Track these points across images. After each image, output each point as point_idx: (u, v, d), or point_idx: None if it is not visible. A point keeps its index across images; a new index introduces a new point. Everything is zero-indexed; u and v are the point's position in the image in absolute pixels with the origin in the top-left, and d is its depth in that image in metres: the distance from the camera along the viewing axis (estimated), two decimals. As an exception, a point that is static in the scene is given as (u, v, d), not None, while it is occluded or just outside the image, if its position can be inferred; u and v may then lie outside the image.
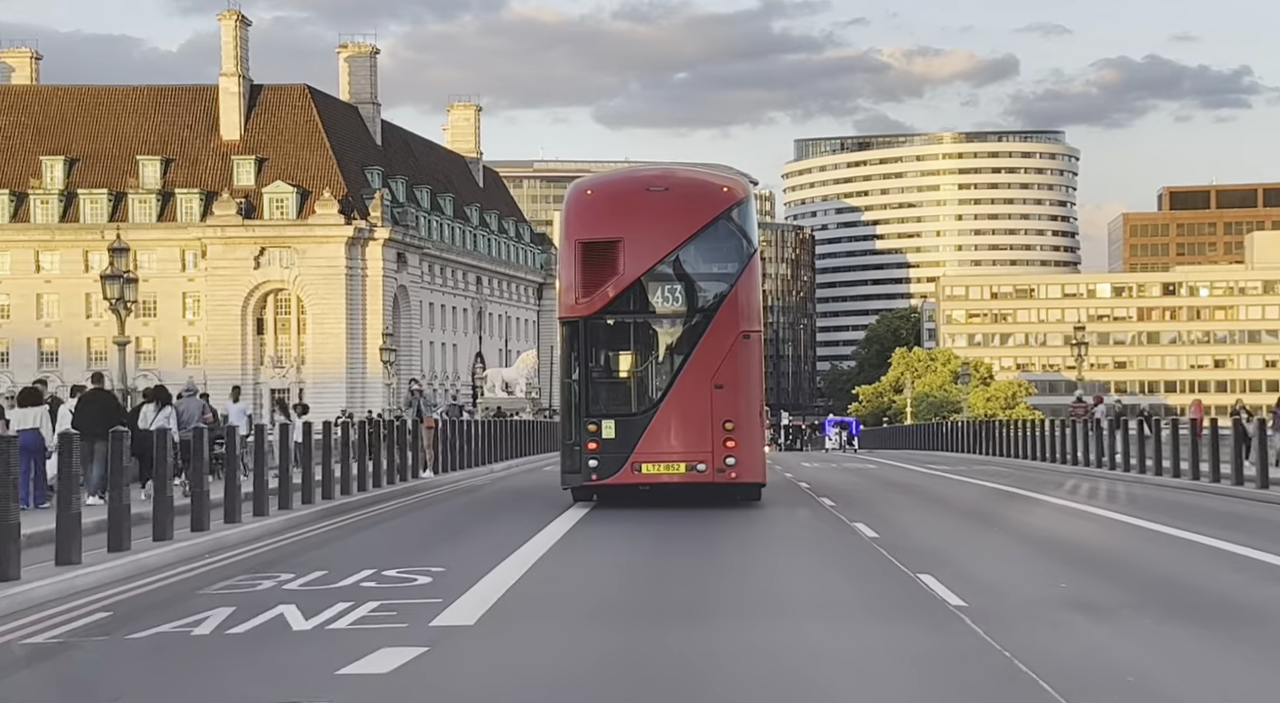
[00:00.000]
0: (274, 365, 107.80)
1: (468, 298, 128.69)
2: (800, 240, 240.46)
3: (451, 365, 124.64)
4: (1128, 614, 11.38)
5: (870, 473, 37.47)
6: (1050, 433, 40.11)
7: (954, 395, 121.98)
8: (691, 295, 21.91)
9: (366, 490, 25.97)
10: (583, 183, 23.29)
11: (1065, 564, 15.19)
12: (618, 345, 22.25)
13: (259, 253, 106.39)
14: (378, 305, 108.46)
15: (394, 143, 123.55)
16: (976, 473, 36.12)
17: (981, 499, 26.03)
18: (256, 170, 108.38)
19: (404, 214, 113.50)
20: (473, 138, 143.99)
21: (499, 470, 39.23)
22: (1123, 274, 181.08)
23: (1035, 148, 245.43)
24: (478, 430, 40.44)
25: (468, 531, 20.04)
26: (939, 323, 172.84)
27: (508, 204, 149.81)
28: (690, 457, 21.46)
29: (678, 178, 23.50)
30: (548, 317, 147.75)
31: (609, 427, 21.50)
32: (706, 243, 21.98)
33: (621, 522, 20.42)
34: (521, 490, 29.52)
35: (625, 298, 21.83)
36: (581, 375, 21.81)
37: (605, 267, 21.69)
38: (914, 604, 11.85)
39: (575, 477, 22.00)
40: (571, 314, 21.90)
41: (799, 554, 16.89)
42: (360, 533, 19.55)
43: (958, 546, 17.51)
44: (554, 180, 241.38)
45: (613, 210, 22.23)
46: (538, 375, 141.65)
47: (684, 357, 21.70)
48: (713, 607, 11.93)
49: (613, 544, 17.92)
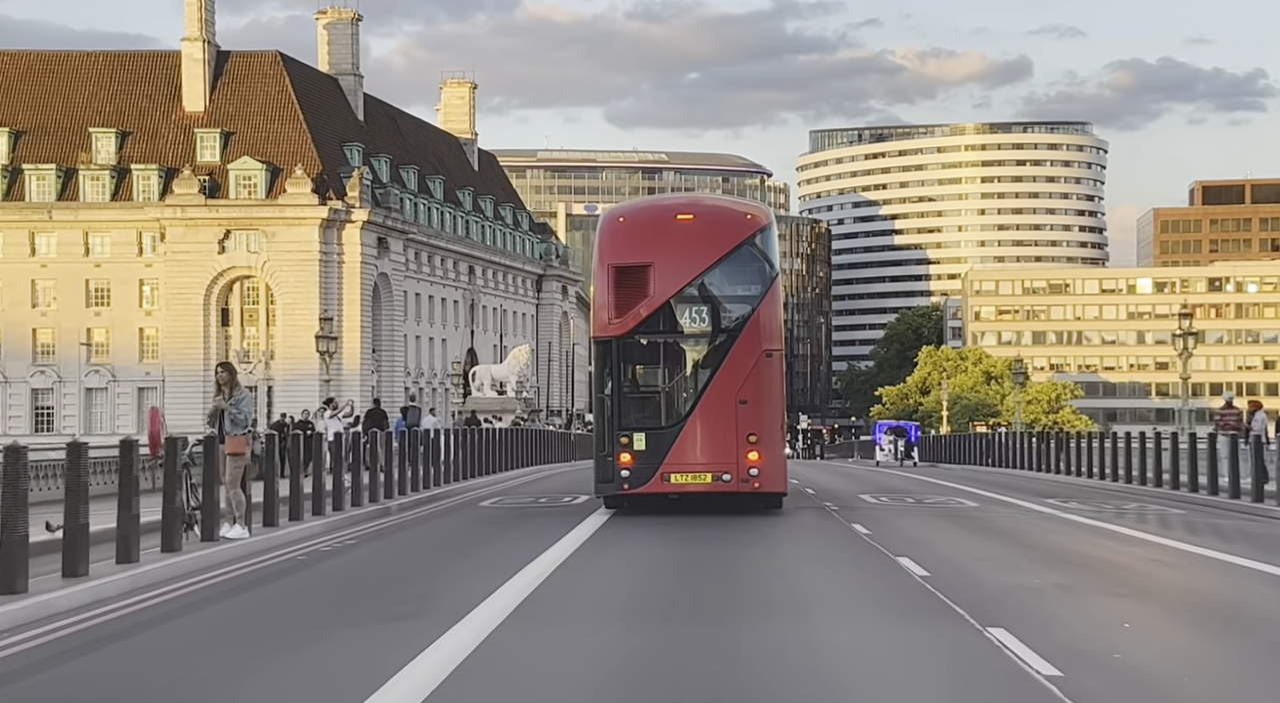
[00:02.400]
0: (240, 360, 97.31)
1: (459, 289, 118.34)
2: (816, 234, 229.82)
3: (440, 362, 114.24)
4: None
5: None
6: (1208, 450, 29.39)
7: (989, 397, 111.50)
8: (717, 316, 23.08)
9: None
10: (615, 210, 24.71)
11: None
12: (648, 363, 23.49)
13: (224, 236, 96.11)
14: (355, 294, 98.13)
15: (378, 119, 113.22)
16: (1155, 522, 23.35)
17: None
18: (222, 145, 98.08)
19: (386, 195, 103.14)
20: (467, 118, 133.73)
21: (403, 509, 25.69)
22: (1165, 268, 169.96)
23: (1062, 140, 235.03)
24: (429, 445, 30.18)
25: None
26: (965, 320, 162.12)
27: (505, 189, 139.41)
28: (716, 467, 22.55)
29: (704, 206, 25.97)
30: (546, 310, 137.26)
31: (640, 439, 22.64)
32: (731, 267, 23.10)
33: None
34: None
35: (655, 318, 22.99)
36: (614, 391, 23.00)
37: (637, 289, 22.87)
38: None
39: (608, 486, 23.01)
40: (605, 333, 23.05)
41: None
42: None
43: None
44: (559, 170, 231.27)
45: (643, 236, 23.42)
46: (535, 373, 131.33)
47: (710, 374, 22.85)
48: None
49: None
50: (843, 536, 20.23)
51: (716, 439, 22.48)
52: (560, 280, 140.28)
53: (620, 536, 20.13)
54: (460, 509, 26.36)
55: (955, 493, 30.88)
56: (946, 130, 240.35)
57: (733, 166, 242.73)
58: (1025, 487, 34.70)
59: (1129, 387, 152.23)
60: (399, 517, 24.49)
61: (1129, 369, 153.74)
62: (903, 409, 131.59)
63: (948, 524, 22.55)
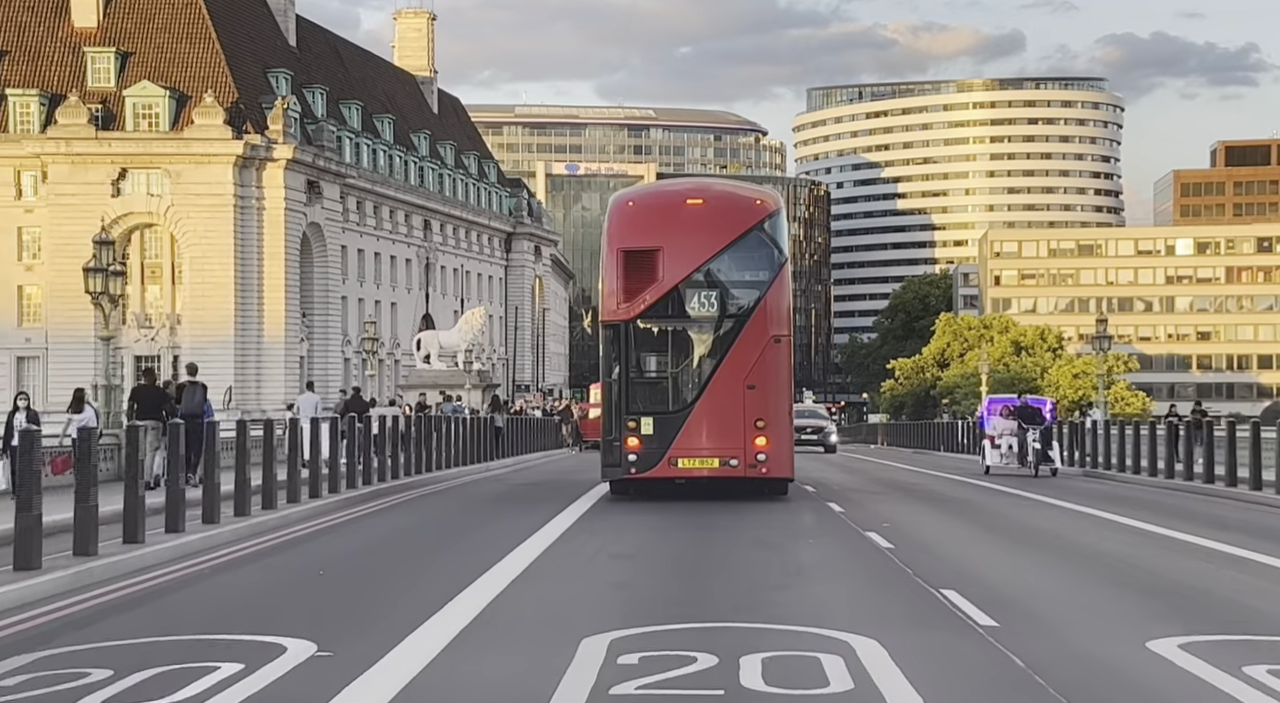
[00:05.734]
0: (139, 326, 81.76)
1: (411, 245, 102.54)
2: (814, 197, 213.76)
3: (388, 329, 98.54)
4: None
5: None
6: None
7: (1024, 370, 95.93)
8: (725, 301, 23.05)
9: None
10: (624, 194, 25.02)
11: None
12: (656, 348, 23.29)
13: (119, 176, 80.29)
14: (279, 247, 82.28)
15: (314, 46, 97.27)
16: None
17: None
18: (117, 67, 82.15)
19: (319, 132, 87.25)
20: (425, 54, 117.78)
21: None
22: (1209, 227, 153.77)
23: (1077, 96, 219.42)
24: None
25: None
26: (984, 285, 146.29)
27: (470, 137, 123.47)
28: (723, 452, 22.53)
29: (714, 191, 25.64)
30: (517, 273, 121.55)
31: (648, 424, 22.57)
32: (740, 252, 23.14)
33: None
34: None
35: (664, 303, 22.92)
36: (621, 375, 22.83)
37: (645, 274, 22.86)
38: None
39: (615, 470, 22.87)
40: (613, 318, 23.01)
41: None
42: None
43: None
44: (538, 127, 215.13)
45: (653, 221, 23.55)
46: (507, 343, 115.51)
47: (718, 359, 22.80)
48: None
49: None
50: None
51: (724, 424, 22.47)
52: (533, 239, 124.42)
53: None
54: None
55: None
56: (953, 87, 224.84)
57: (725, 124, 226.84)
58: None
59: (1166, 359, 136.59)
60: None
61: (1166, 340, 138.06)
62: (918, 384, 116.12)
63: None
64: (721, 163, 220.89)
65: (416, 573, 14.30)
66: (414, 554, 16.31)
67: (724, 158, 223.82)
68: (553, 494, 25.40)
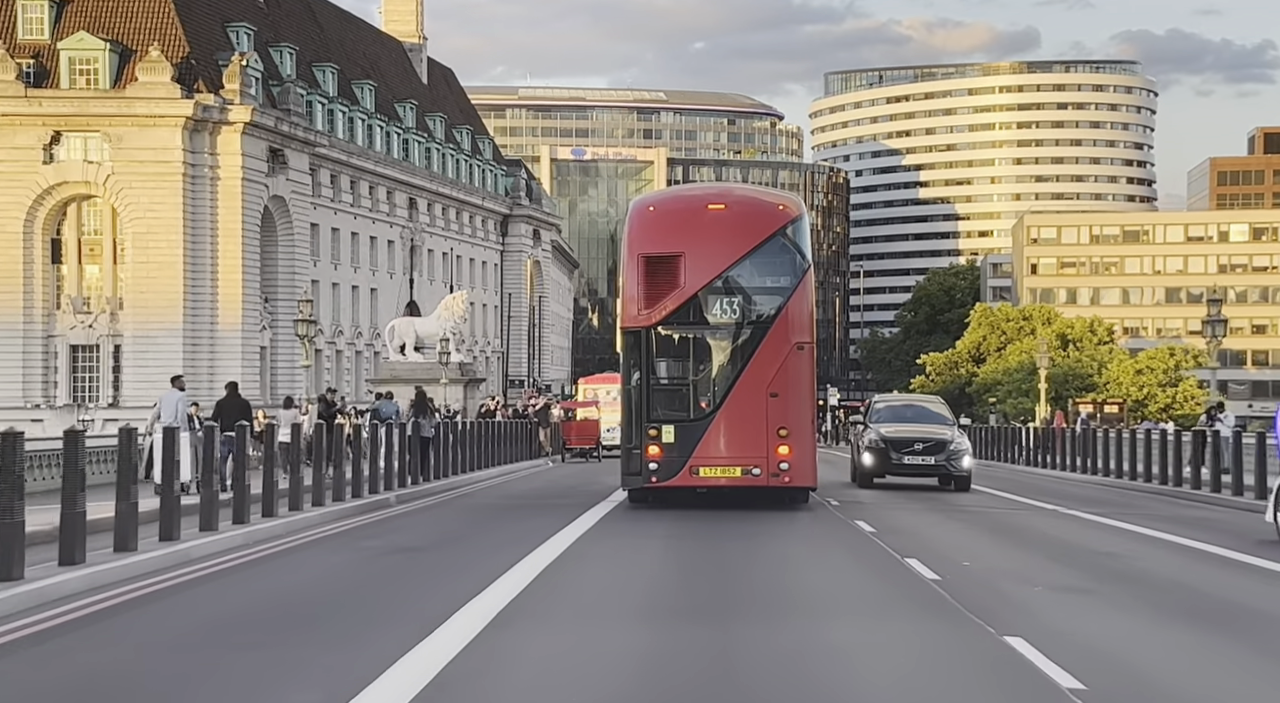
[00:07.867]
0: (76, 311, 71.92)
1: (395, 225, 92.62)
2: (833, 184, 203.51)
3: (367, 317, 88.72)
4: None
5: None
6: None
7: (1080, 366, 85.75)
8: (748, 308, 22.77)
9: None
10: (645, 199, 25.13)
11: None
12: (677, 355, 22.97)
13: (52, 140, 70.55)
14: (235, 222, 72.34)
15: (284, 2, 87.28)
16: None
17: None
18: (52, 18, 72.38)
19: (285, 94, 77.39)
20: (414, 18, 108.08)
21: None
22: (1267, 211, 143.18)
23: (1108, 80, 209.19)
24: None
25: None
26: (1019, 274, 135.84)
27: (463, 110, 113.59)
28: (746, 461, 22.32)
29: (736, 195, 26.52)
30: (514, 258, 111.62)
31: (669, 432, 22.24)
32: (762, 258, 22.83)
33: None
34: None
35: (685, 310, 22.62)
36: (642, 382, 22.58)
37: (666, 280, 22.57)
38: None
39: (635, 478, 22.60)
40: (634, 324, 22.71)
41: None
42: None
43: None
44: (543, 110, 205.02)
45: (674, 226, 23.20)
46: (500, 334, 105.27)
47: (740, 366, 22.53)
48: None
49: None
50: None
51: (746, 432, 22.29)
52: (531, 223, 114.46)
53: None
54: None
55: None
56: (977, 71, 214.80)
57: (739, 107, 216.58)
58: None
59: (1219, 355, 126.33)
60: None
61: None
62: (952, 381, 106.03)
63: None
64: (735, 148, 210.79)
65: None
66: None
67: (738, 143, 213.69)
68: (458, 573, 14.28)
